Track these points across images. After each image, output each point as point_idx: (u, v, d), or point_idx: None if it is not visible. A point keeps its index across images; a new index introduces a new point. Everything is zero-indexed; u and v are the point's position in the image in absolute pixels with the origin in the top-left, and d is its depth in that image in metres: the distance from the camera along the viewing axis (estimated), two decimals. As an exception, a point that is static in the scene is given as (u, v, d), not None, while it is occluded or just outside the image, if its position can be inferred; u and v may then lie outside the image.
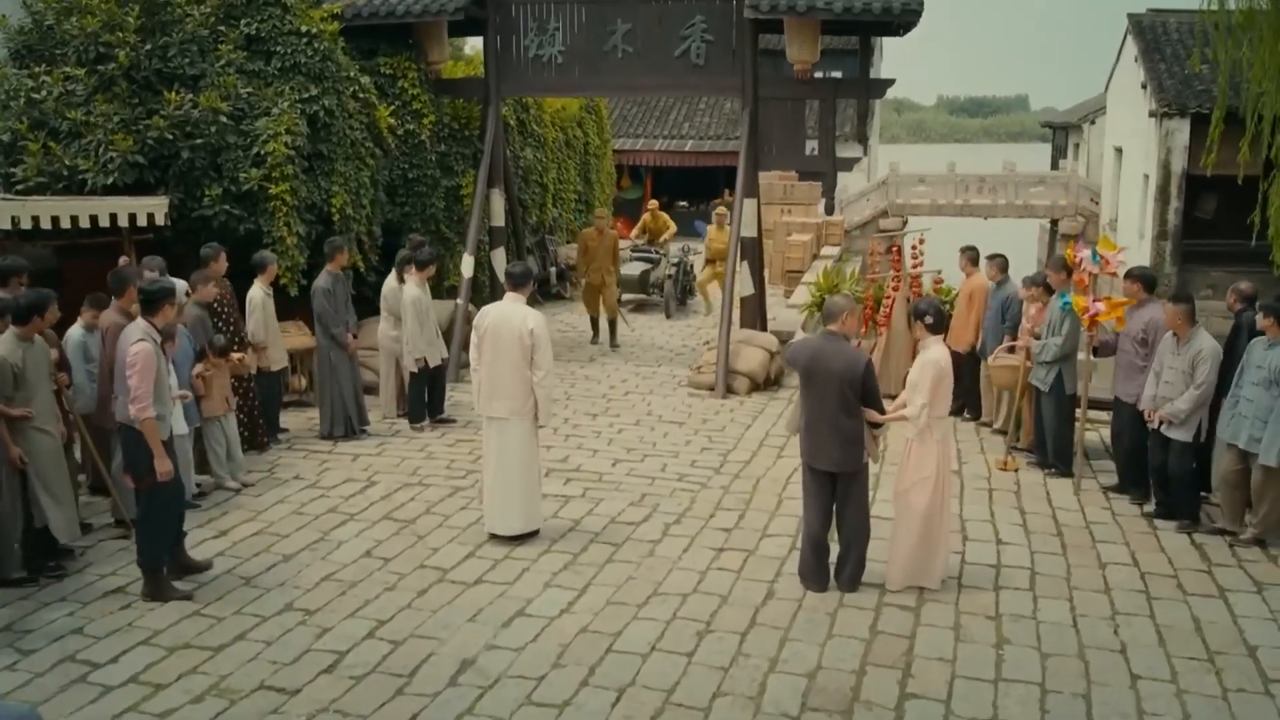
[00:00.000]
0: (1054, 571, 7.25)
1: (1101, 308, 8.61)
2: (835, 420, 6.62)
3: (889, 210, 24.17)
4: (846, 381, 6.57)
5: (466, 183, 14.12)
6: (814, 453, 6.73)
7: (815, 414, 6.66)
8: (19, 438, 6.70)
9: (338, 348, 9.89)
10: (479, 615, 6.52)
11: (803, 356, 6.70)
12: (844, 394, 6.58)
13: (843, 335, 6.71)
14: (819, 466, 6.74)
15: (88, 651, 6.05)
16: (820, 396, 6.61)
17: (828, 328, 6.69)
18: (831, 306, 6.71)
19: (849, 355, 6.65)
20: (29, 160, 10.42)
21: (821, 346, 6.65)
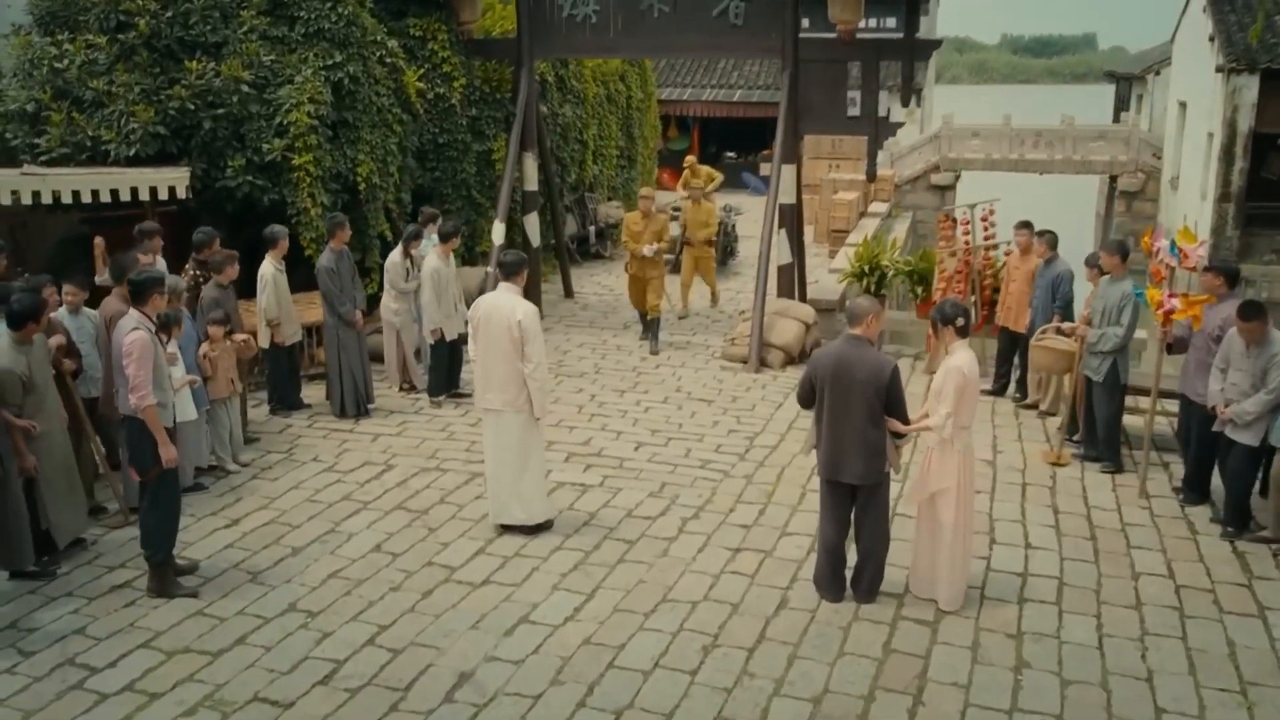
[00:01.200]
0: (1083, 582, 6.93)
1: (1177, 304, 8.12)
2: (862, 431, 6.31)
3: (941, 164, 23.41)
4: (873, 390, 6.26)
5: (498, 147, 13.83)
6: (836, 466, 6.39)
7: (839, 425, 6.32)
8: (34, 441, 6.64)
9: (345, 326, 9.73)
10: (482, 621, 6.39)
11: (827, 365, 6.32)
12: (870, 403, 6.28)
13: (867, 340, 6.38)
14: (843, 480, 6.41)
15: (88, 654, 6.01)
16: (844, 406, 6.28)
17: (851, 331, 6.35)
18: (855, 309, 6.37)
19: (876, 361, 6.33)
20: (52, 130, 10.34)
21: (846, 353, 6.30)
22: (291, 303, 9.67)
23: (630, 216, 12.85)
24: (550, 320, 14.11)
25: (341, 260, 9.73)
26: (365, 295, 10.09)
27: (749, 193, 25.74)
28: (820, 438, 6.42)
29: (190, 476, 8.21)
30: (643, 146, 21.41)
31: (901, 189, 23.38)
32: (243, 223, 11.34)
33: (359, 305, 9.87)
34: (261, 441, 9.36)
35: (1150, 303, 8.32)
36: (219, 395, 8.49)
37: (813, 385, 6.38)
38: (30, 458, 6.61)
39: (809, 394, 6.45)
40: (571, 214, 18.26)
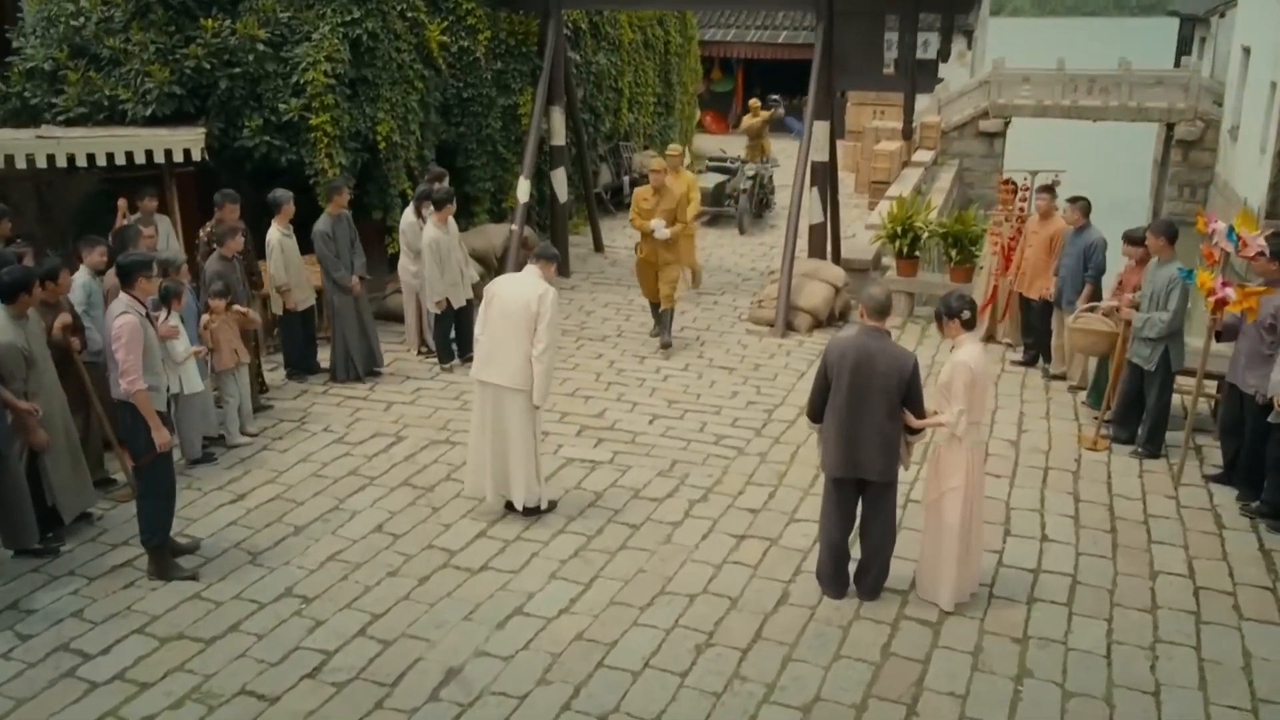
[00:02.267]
0: (1098, 581, 6.70)
1: (1231, 294, 7.71)
2: (881, 426, 6.09)
3: (990, 111, 22.63)
4: (895, 382, 6.03)
5: (524, 101, 13.53)
6: (850, 463, 6.13)
7: (857, 419, 6.05)
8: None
9: (341, 292, 9.59)
10: (476, 612, 6.32)
11: (847, 357, 6.02)
12: (891, 397, 6.05)
13: (886, 331, 6.13)
14: (861, 476, 6.17)
15: (83, 640, 6.04)
16: (864, 400, 6.02)
17: (871, 323, 6.09)
18: (877, 302, 6.09)
19: (898, 354, 6.10)
20: (69, 90, 10.27)
21: (866, 345, 6.03)
22: (303, 268, 9.54)
23: (639, 191, 11.18)
24: (578, 277, 13.94)
25: (339, 225, 9.56)
26: (365, 260, 9.91)
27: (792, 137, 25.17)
28: (829, 436, 6.14)
29: (198, 448, 8.22)
30: (681, 92, 20.96)
31: (948, 136, 22.68)
32: (263, 182, 11.23)
33: (357, 271, 9.68)
34: (276, 409, 9.34)
35: (1200, 287, 7.94)
36: (224, 367, 8.45)
37: (827, 380, 6.09)
38: (42, 434, 6.62)
39: (822, 396, 6.14)
40: (606, 164, 17.97)
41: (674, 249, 10.97)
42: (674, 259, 11.03)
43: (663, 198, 10.84)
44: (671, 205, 10.80)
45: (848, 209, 18.73)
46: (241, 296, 8.70)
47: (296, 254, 9.41)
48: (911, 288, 12.49)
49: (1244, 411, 7.77)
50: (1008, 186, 11.23)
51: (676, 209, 10.79)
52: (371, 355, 9.98)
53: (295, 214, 9.59)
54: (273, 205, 9.31)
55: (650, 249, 10.98)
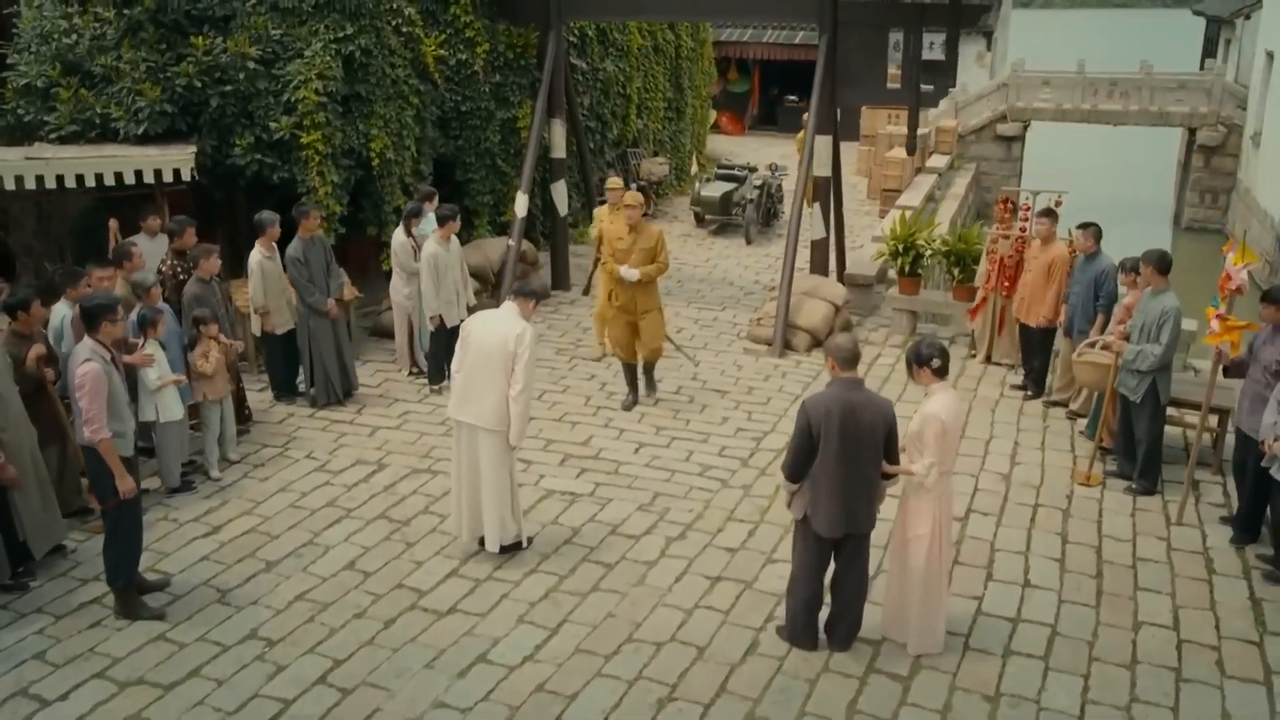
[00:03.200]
0: (1078, 632, 6.53)
1: (1216, 327, 7.53)
2: (871, 478, 5.95)
3: (1008, 114, 22.25)
4: (882, 432, 5.89)
5: (523, 114, 13.42)
6: (847, 520, 5.92)
7: (851, 476, 5.83)
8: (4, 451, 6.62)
9: (316, 316, 9.50)
10: (438, 660, 6.24)
11: (833, 415, 5.77)
12: (878, 446, 5.90)
13: (861, 379, 5.97)
14: (855, 531, 6.02)
15: (42, 684, 6.01)
16: (856, 455, 5.82)
17: (846, 374, 5.92)
18: (847, 352, 5.88)
19: (879, 403, 5.95)
20: (61, 107, 10.25)
21: (849, 399, 5.81)
22: (284, 290, 9.46)
23: (610, 230, 9.70)
24: (578, 289, 13.82)
25: (311, 248, 9.44)
26: (342, 283, 9.85)
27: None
28: (820, 495, 5.91)
29: (177, 477, 8.18)
30: (693, 96, 20.78)
31: (965, 140, 22.35)
32: (257, 198, 11.21)
33: (334, 294, 9.60)
34: (260, 433, 9.30)
35: (1208, 317, 7.75)
36: (217, 396, 8.40)
37: (813, 441, 5.82)
38: (11, 470, 6.59)
39: (807, 458, 5.87)
40: (613, 170, 17.84)
41: (652, 293, 9.64)
42: (654, 305, 9.67)
43: (639, 235, 9.47)
44: (650, 244, 9.46)
45: (858, 216, 18.59)
46: (222, 319, 8.62)
47: (277, 277, 9.33)
48: (914, 306, 12.29)
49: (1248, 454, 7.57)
50: (1006, 205, 11.01)
51: (656, 246, 9.53)
52: (347, 378, 9.90)
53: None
54: (257, 228, 9.25)
55: (627, 297, 9.51)
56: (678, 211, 18.62)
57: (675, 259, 15.68)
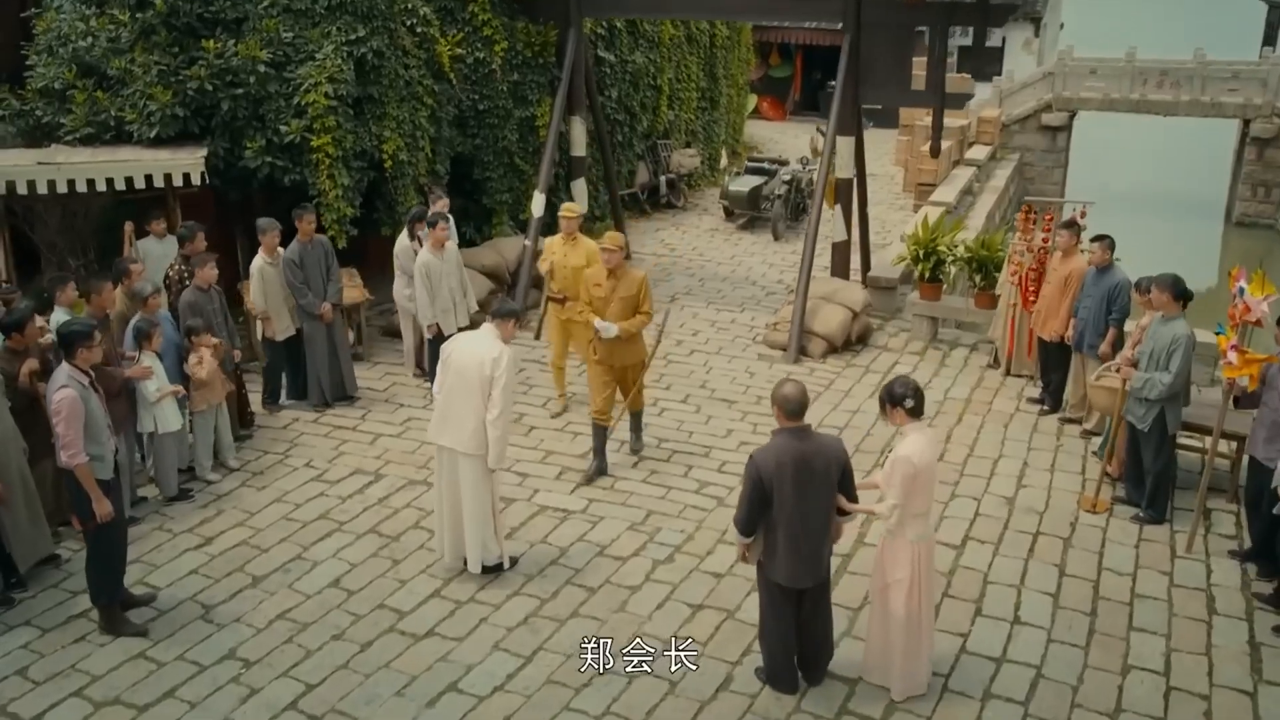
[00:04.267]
0: (1063, 675, 6.36)
1: (1234, 359, 7.27)
2: (828, 522, 5.84)
3: (1054, 104, 21.68)
4: (836, 474, 5.77)
5: (542, 113, 13.32)
6: (808, 572, 5.83)
7: (808, 527, 5.71)
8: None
9: (310, 319, 9.54)
10: (410, 686, 6.24)
11: (787, 468, 5.62)
12: (833, 490, 5.79)
13: (807, 425, 5.82)
14: (811, 584, 5.91)
15: (21, 702, 6.11)
16: (812, 505, 5.70)
17: (792, 424, 5.77)
18: (794, 403, 5.71)
19: (830, 447, 5.81)
20: (76, 110, 10.35)
21: (800, 449, 5.66)
22: (288, 298, 9.48)
23: (590, 273, 8.58)
24: (597, 289, 13.72)
25: (308, 252, 9.47)
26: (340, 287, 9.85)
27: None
28: (779, 547, 5.78)
29: (174, 486, 8.27)
30: (728, 85, 20.52)
31: (1009, 129, 21.84)
32: (272, 199, 11.27)
33: (331, 298, 9.61)
34: (263, 438, 9.36)
35: (1220, 346, 7.50)
36: (213, 402, 8.46)
37: (765, 494, 5.67)
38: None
39: (760, 512, 5.73)
40: (643, 162, 17.70)
41: (636, 347, 8.58)
42: (638, 358, 8.66)
43: (620, 282, 8.36)
44: (632, 292, 8.34)
45: (892, 211, 18.28)
46: (218, 330, 8.65)
47: (278, 282, 9.35)
48: (935, 312, 12.04)
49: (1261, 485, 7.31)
50: (1029, 214, 10.71)
51: (639, 294, 8.39)
52: (342, 383, 9.93)
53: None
54: (258, 233, 9.27)
55: (607, 350, 8.45)
56: (708, 204, 18.44)
57: (701, 255, 15.61)
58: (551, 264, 9.40)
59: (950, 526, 8.06)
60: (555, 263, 9.39)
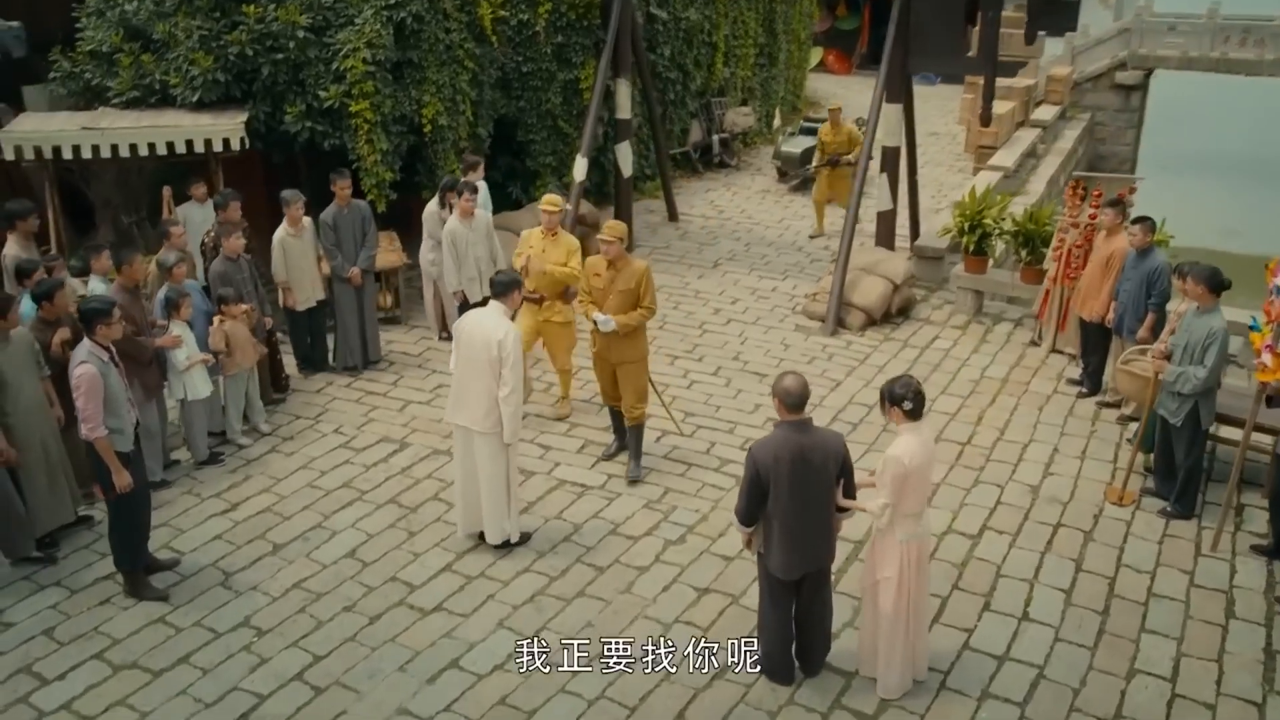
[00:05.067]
0: (1065, 677, 6.28)
1: (1268, 362, 7.03)
2: (827, 517, 5.83)
3: (1129, 61, 20.84)
4: (834, 468, 5.74)
5: (586, 75, 13.21)
6: (802, 563, 5.83)
7: (803, 520, 5.72)
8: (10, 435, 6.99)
9: (340, 281, 9.75)
10: (412, 662, 6.39)
11: (784, 461, 5.62)
12: (832, 483, 5.77)
13: (808, 419, 5.78)
14: (810, 570, 5.90)
15: (45, 662, 6.39)
16: (809, 498, 5.69)
17: (793, 417, 5.73)
18: (794, 396, 5.67)
19: (829, 441, 5.78)
20: (123, 73, 10.53)
21: (799, 442, 5.64)
22: (309, 269, 9.59)
23: (591, 261, 8.24)
24: (641, 251, 13.69)
25: (343, 216, 9.65)
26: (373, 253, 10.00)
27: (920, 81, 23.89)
28: (774, 538, 5.80)
29: (205, 451, 8.50)
30: (789, 41, 20.10)
31: (1080, 87, 21.08)
32: (315, 161, 11.40)
33: (361, 263, 9.76)
34: (296, 403, 9.56)
35: (1253, 344, 7.24)
36: (241, 368, 8.65)
37: (763, 487, 5.68)
38: (9, 451, 6.96)
39: (759, 504, 5.74)
40: (696, 120, 17.49)
41: (635, 342, 8.14)
42: (637, 356, 8.18)
43: (620, 274, 8.00)
44: (632, 284, 7.93)
45: (951, 173, 17.85)
46: (247, 298, 8.81)
47: (300, 254, 9.45)
48: (979, 286, 11.78)
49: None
50: (1076, 191, 10.39)
51: (640, 288, 8.00)
52: (366, 347, 10.11)
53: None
54: (282, 205, 9.38)
55: (604, 342, 8.15)
56: (762, 163, 18.17)
57: (749, 217, 15.43)
58: (528, 260, 8.66)
59: (969, 515, 7.96)
60: (532, 259, 8.67)
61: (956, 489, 8.33)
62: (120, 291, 7.70)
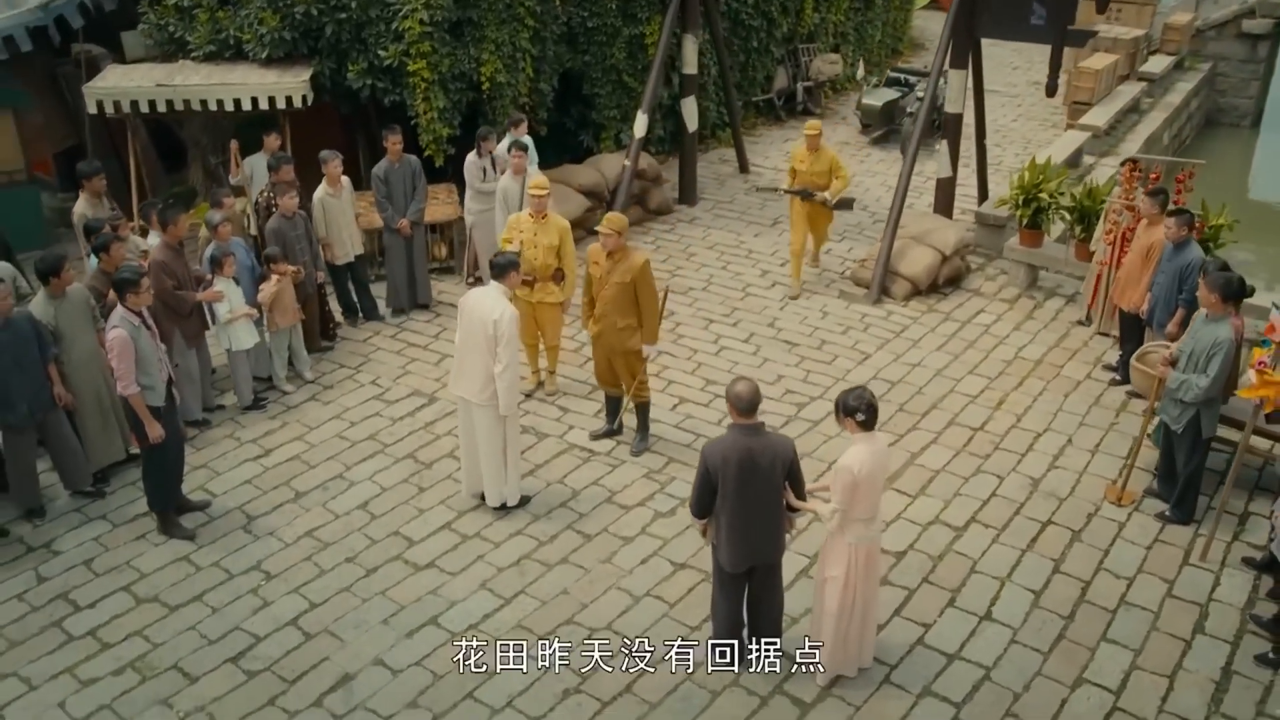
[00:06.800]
0: (1010, 681, 6.44)
1: (1252, 378, 6.94)
2: (772, 516, 6.08)
3: (1258, 8, 19.53)
4: (779, 472, 5.98)
5: (651, 30, 13.25)
6: (746, 556, 6.12)
7: (748, 518, 6.00)
8: (66, 381, 7.76)
9: (390, 231, 10.37)
10: (395, 616, 6.96)
11: (731, 462, 5.89)
12: (778, 485, 6.02)
13: (760, 424, 6.01)
14: (756, 564, 6.20)
15: (80, 590, 7.19)
16: (753, 498, 5.96)
17: (744, 420, 5.96)
18: (745, 401, 5.90)
19: (776, 445, 6.00)
20: (200, 28, 11.12)
21: (748, 444, 5.89)
22: (347, 225, 10.12)
23: (593, 249, 8.25)
24: (704, 206, 13.85)
25: (394, 170, 10.24)
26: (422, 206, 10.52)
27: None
28: (722, 533, 6.09)
29: (248, 397, 9.19)
30: (891, -18, 19.55)
31: (1203, 35, 19.93)
32: (381, 112, 11.84)
33: (410, 215, 10.32)
34: (342, 351, 10.17)
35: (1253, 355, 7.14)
36: (285, 324, 9.27)
37: (712, 484, 5.97)
38: (67, 395, 7.74)
39: (709, 500, 6.03)
40: (782, 67, 17.32)
41: (632, 335, 8.22)
42: (635, 344, 8.23)
43: (617, 265, 8.02)
44: (626, 278, 7.99)
45: (1043, 129, 17.30)
46: (300, 254, 9.40)
47: (338, 211, 9.98)
48: (1032, 259, 11.59)
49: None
50: (1133, 170, 10.09)
51: (636, 281, 8.04)
52: (415, 292, 10.73)
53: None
54: (321, 164, 9.87)
55: (599, 331, 8.31)
56: (847, 112, 17.90)
57: (821, 172, 15.29)
58: (520, 244, 8.76)
59: (960, 505, 8.07)
60: (524, 242, 8.78)
61: (955, 477, 8.42)
62: (165, 249, 8.39)
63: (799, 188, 11.09)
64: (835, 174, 11.02)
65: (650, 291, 8.14)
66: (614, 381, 8.58)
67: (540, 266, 8.84)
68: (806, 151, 11.04)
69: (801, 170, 11.10)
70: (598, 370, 8.72)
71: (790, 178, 11.34)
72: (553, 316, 9.16)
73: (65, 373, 7.77)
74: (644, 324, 8.16)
